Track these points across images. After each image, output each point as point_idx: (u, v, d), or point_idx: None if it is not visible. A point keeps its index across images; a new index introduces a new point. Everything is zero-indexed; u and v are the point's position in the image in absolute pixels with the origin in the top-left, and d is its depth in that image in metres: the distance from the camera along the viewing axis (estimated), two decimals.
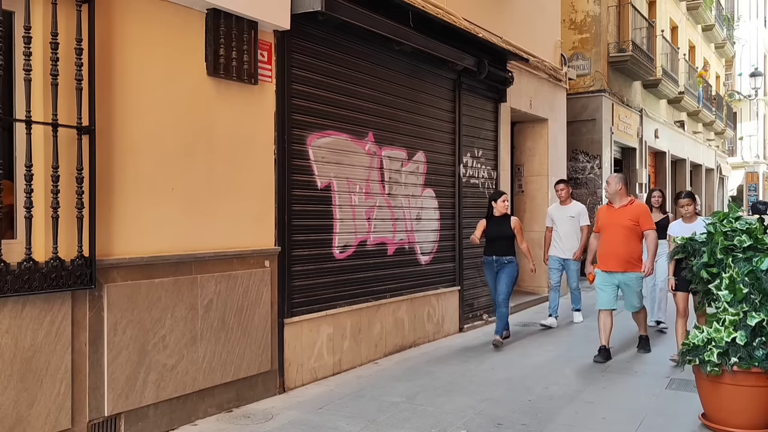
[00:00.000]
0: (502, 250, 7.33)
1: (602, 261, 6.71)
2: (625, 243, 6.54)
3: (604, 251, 6.69)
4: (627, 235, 6.54)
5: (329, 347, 6.06)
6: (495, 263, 7.38)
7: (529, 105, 10.32)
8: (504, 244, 7.33)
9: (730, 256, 4.59)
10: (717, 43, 26.57)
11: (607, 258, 6.66)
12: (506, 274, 7.32)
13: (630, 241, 6.55)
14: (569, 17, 14.34)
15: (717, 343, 4.38)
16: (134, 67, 4.35)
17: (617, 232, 6.56)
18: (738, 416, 4.38)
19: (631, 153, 16.57)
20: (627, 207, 6.62)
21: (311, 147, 5.88)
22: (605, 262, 6.67)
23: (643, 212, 6.63)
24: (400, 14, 6.67)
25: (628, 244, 6.54)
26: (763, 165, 37.31)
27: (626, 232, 6.54)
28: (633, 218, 6.55)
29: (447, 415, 4.89)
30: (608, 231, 6.65)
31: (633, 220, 6.54)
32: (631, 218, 6.55)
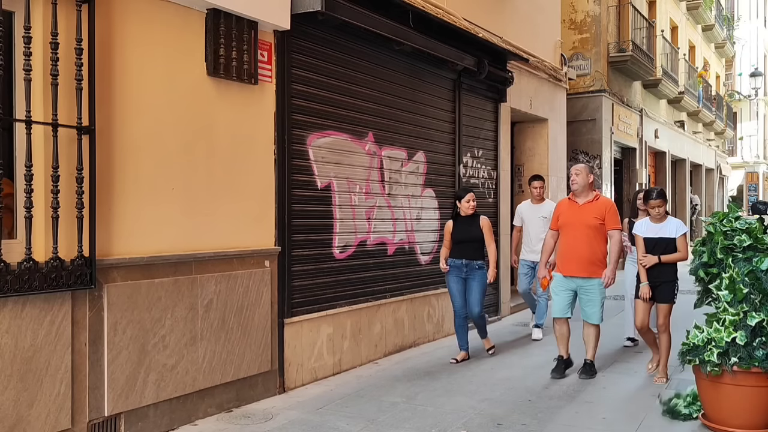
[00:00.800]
0: (471, 254, 6.52)
1: (562, 263, 5.94)
2: (588, 244, 5.78)
3: (565, 253, 5.90)
4: (592, 236, 5.78)
5: (329, 347, 6.06)
6: (464, 268, 6.54)
7: (529, 105, 10.32)
8: (473, 246, 6.53)
9: (729, 256, 4.59)
10: (717, 43, 26.58)
11: (567, 260, 5.87)
12: (477, 281, 6.50)
13: (595, 242, 5.80)
14: (569, 17, 14.34)
15: (717, 343, 4.38)
16: (134, 67, 4.35)
17: (580, 232, 5.79)
18: (738, 416, 4.38)
19: (631, 153, 16.58)
20: (592, 203, 5.86)
21: (311, 147, 5.88)
22: (565, 265, 5.89)
23: (611, 209, 5.86)
24: (400, 14, 6.67)
25: (592, 246, 5.78)
26: (763, 165, 37.32)
27: (591, 232, 5.78)
28: (599, 216, 5.80)
29: (447, 415, 4.89)
30: (570, 230, 5.86)
31: (599, 218, 5.80)
32: (596, 216, 5.80)
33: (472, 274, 6.52)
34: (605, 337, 6.70)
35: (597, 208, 5.84)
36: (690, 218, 21.98)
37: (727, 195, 31.66)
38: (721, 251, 4.61)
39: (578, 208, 5.88)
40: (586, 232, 5.79)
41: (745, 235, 4.60)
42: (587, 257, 5.79)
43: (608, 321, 6.70)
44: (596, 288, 5.82)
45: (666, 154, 19.17)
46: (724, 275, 4.52)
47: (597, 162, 14.37)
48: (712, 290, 4.65)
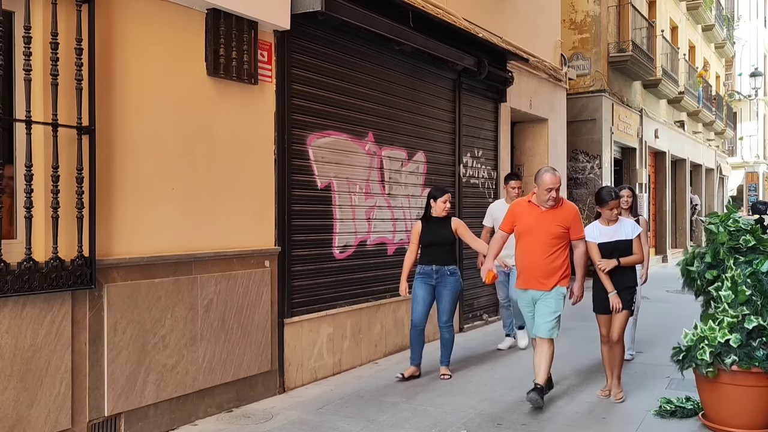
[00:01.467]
0: (442, 258, 5.93)
1: (519, 276, 5.26)
2: (550, 254, 5.06)
3: (523, 263, 5.18)
4: (554, 245, 5.06)
5: (329, 347, 6.06)
6: (435, 274, 5.92)
7: (529, 105, 10.32)
8: (445, 250, 5.95)
9: (732, 257, 4.58)
10: (717, 43, 26.57)
11: (527, 273, 5.15)
12: (449, 289, 5.91)
13: (557, 252, 5.08)
14: (569, 17, 14.34)
15: (710, 342, 4.37)
16: (134, 67, 4.35)
17: (542, 241, 5.05)
18: (738, 416, 4.38)
19: (631, 153, 16.58)
20: (557, 209, 5.11)
21: (311, 147, 5.89)
22: (523, 277, 5.19)
23: (576, 216, 5.16)
24: (400, 14, 6.67)
25: (554, 257, 5.07)
26: (763, 165, 37.31)
27: (554, 242, 5.06)
28: (563, 223, 5.08)
29: (447, 415, 4.90)
30: (531, 238, 5.11)
31: (563, 226, 5.08)
32: (561, 223, 5.07)
33: (443, 280, 5.91)
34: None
35: (562, 214, 5.10)
36: (690, 218, 21.98)
37: (727, 195, 31.65)
38: (726, 252, 4.59)
39: (540, 215, 5.09)
40: (549, 241, 5.05)
41: (749, 235, 4.60)
42: (548, 269, 5.07)
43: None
44: (553, 297, 5.08)
45: (666, 154, 19.17)
46: (725, 276, 4.51)
47: (597, 162, 14.37)
48: (711, 292, 4.64)
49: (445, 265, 5.94)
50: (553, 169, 5.15)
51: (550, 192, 5.01)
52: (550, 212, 5.10)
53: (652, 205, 18.65)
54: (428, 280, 5.93)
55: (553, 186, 5.00)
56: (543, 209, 5.11)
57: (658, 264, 18.57)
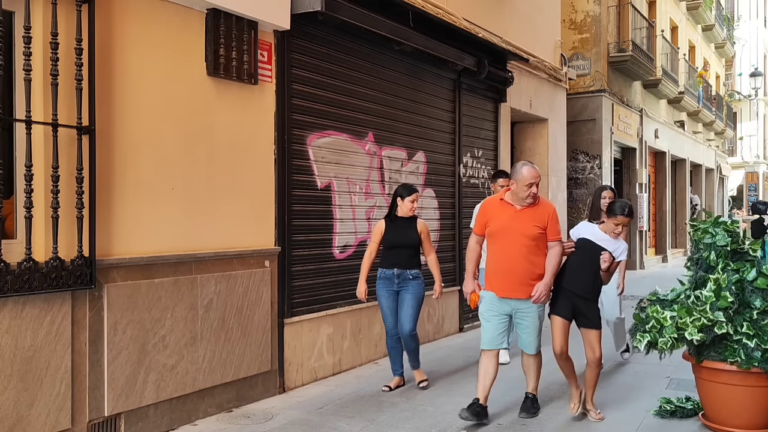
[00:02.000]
0: (405, 262, 5.51)
1: (494, 281, 4.73)
2: (527, 258, 4.60)
3: (497, 268, 4.69)
4: (531, 247, 4.60)
5: (329, 347, 6.06)
6: (396, 279, 5.50)
7: (529, 105, 10.32)
8: (408, 253, 5.54)
9: (723, 262, 4.54)
10: (717, 43, 26.58)
11: (500, 278, 4.67)
12: (411, 293, 5.50)
13: (534, 255, 4.62)
14: (569, 17, 14.35)
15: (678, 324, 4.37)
16: (134, 67, 4.35)
17: (518, 242, 4.59)
18: (738, 416, 4.38)
19: (631, 153, 16.58)
20: (533, 207, 4.65)
21: (311, 147, 5.89)
22: (497, 283, 4.69)
23: (553, 216, 4.70)
24: (400, 14, 6.67)
25: (531, 260, 4.61)
26: (763, 165, 37.29)
27: (530, 243, 4.59)
28: (540, 223, 4.62)
29: (447, 415, 4.89)
30: (504, 239, 4.64)
31: (540, 227, 4.61)
32: (537, 224, 4.61)
33: (406, 285, 5.51)
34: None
35: (539, 214, 4.63)
36: (690, 218, 21.98)
37: (727, 195, 31.65)
38: (723, 255, 4.55)
39: (515, 214, 4.63)
40: (524, 242, 4.58)
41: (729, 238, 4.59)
42: (525, 274, 4.60)
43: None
44: (534, 310, 4.67)
45: (666, 154, 19.17)
46: (711, 277, 4.48)
47: (597, 162, 14.37)
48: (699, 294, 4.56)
49: (407, 269, 5.52)
50: (530, 162, 4.74)
51: (530, 188, 4.56)
52: (525, 211, 4.62)
53: (652, 205, 18.65)
54: (390, 286, 5.54)
55: (533, 181, 4.56)
56: (517, 208, 4.63)
57: (659, 264, 18.57)
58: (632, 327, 4.72)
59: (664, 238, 19.11)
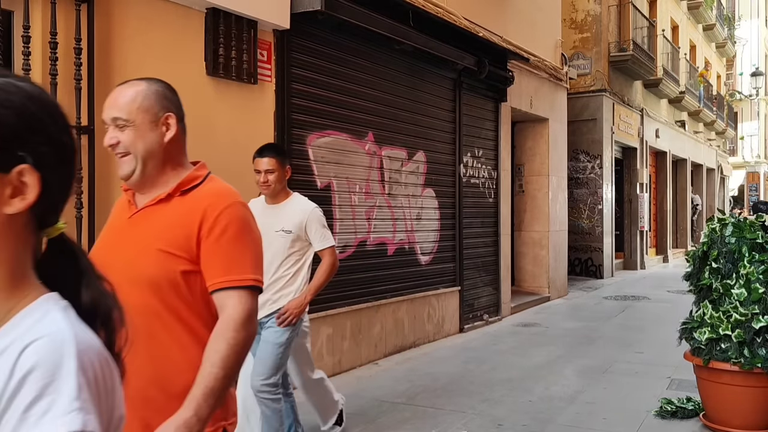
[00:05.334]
0: None
1: None
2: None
3: None
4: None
5: (329, 348, 6.05)
6: None
7: (530, 104, 10.31)
8: None
9: (748, 255, 4.52)
10: (718, 42, 26.56)
11: None
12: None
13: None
14: (570, 16, 14.33)
15: (714, 328, 4.36)
16: (133, 67, 4.34)
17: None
18: (738, 416, 4.37)
19: (632, 153, 16.57)
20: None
21: (311, 147, 5.88)
22: None
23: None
24: (400, 13, 6.66)
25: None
26: (764, 165, 37.27)
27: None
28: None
29: (447, 416, 4.88)
30: None
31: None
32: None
33: None
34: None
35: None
36: (691, 218, 21.96)
37: (728, 195, 31.63)
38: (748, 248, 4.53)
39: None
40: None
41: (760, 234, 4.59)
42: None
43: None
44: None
45: (667, 153, 19.15)
46: (739, 273, 4.47)
47: (598, 162, 14.36)
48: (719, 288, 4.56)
49: None
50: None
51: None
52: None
53: (652, 205, 18.64)
54: None
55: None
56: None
57: (659, 264, 18.56)
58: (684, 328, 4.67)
59: (665, 238, 19.09)
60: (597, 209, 14.35)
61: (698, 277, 4.73)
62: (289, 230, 3.63)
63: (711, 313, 4.46)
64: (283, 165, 3.69)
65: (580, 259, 14.50)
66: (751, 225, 4.61)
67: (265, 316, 3.60)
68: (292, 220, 3.65)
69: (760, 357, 4.24)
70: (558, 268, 11.33)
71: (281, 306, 3.62)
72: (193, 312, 1.67)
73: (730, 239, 4.57)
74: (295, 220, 3.65)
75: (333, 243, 3.76)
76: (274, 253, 3.58)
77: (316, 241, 3.70)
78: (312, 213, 3.70)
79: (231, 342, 1.60)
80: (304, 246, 3.71)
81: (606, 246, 14.42)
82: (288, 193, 3.78)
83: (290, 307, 3.60)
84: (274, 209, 3.70)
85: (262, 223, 3.28)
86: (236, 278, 1.65)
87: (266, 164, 3.64)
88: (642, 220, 16.42)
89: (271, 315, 3.62)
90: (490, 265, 9.01)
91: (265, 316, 3.60)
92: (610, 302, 10.90)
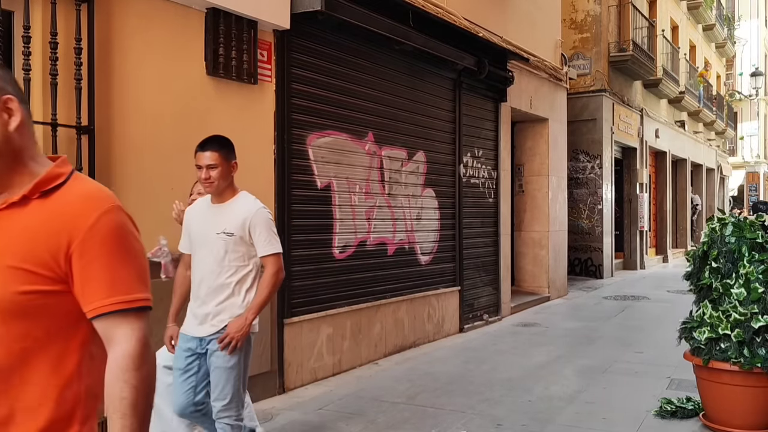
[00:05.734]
0: None
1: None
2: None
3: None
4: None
5: (329, 347, 6.05)
6: None
7: (530, 105, 10.31)
8: None
9: (747, 254, 4.52)
10: (718, 42, 26.56)
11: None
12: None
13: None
14: (570, 17, 14.34)
15: (713, 327, 4.36)
16: (133, 67, 4.35)
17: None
18: (738, 416, 4.37)
19: (631, 153, 16.57)
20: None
21: (311, 147, 5.88)
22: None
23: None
24: (400, 14, 6.66)
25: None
26: (763, 165, 37.27)
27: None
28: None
29: (447, 416, 4.89)
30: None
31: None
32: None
33: None
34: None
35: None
36: (691, 218, 21.96)
37: (728, 195, 31.63)
38: (747, 248, 4.54)
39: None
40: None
41: None
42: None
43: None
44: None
45: (667, 154, 19.15)
46: (741, 271, 4.47)
47: (597, 162, 14.36)
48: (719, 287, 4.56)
49: None
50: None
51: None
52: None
53: (652, 205, 18.64)
54: None
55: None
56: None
57: (659, 264, 18.56)
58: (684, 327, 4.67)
59: (665, 238, 19.09)
60: (597, 209, 14.36)
61: (698, 276, 4.74)
62: (230, 232, 3.24)
63: (710, 312, 4.46)
64: (228, 160, 3.31)
65: (579, 259, 14.51)
66: (750, 225, 4.61)
67: (209, 335, 3.26)
68: (235, 221, 3.26)
69: (759, 357, 4.24)
70: (558, 268, 11.34)
71: (225, 321, 3.26)
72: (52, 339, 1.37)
73: (730, 239, 4.57)
74: (238, 221, 3.26)
75: (279, 250, 3.32)
76: (214, 258, 3.26)
77: (259, 245, 3.27)
78: (257, 214, 3.28)
79: (134, 383, 1.36)
80: (251, 251, 3.30)
81: (606, 246, 14.42)
82: (234, 191, 3.37)
83: (230, 331, 3.22)
84: (218, 209, 3.33)
85: (203, 224, 3.31)
86: (122, 300, 1.37)
87: (208, 159, 3.25)
88: (642, 220, 16.42)
89: (215, 335, 3.25)
90: (489, 265, 9.02)
91: (209, 335, 3.26)
92: (610, 302, 10.90)
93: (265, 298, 3.29)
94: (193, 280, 3.35)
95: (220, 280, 3.26)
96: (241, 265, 3.28)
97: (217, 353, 3.23)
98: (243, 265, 3.29)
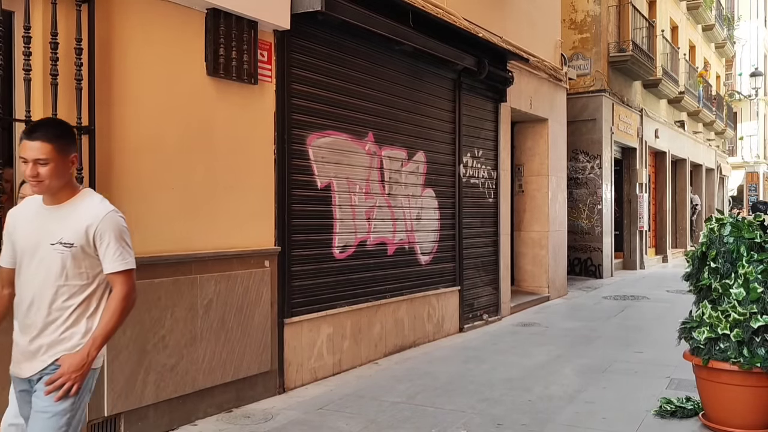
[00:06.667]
0: None
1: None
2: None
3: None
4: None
5: (329, 347, 6.06)
6: None
7: (529, 105, 10.32)
8: None
9: (747, 254, 4.53)
10: (717, 42, 26.57)
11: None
12: None
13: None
14: (569, 17, 14.35)
15: (713, 327, 4.37)
16: (134, 67, 4.35)
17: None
18: (738, 416, 4.38)
19: (631, 153, 16.58)
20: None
21: (311, 147, 5.88)
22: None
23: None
24: (400, 14, 6.67)
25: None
26: (763, 165, 37.29)
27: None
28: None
29: (447, 415, 4.89)
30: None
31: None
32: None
33: None
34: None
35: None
36: (690, 218, 21.97)
37: (728, 195, 31.64)
38: (746, 248, 4.54)
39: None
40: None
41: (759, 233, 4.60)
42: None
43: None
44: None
45: (666, 154, 19.16)
46: (740, 271, 4.48)
47: (597, 162, 14.38)
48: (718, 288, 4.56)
49: None
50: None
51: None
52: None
53: (652, 205, 18.65)
54: None
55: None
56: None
57: (659, 264, 18.57)
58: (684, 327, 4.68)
59: (665, 238, 19.10)
60: (596, 209, 14.36)
61: (698, 277, 4.75)
62: (69, 243, 2.52)
63: (710, 312, 4.47)
64: (64, 153, 2.51)
65: (579, 259, 14.52)
66: (749, 225, 4.62)
67: (38, 372, 2.53)
68: (76, 229, 2.53)
69: (759, 357, 4.24)
70: (557, 267, 11.35)
71: (59, 354, 2.53)
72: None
73: (728, 239, 4.58)
74: (80, 227, 2.53)
75: (132, 266, 2.62)
76: (47, 276, 2.53)
77: (107, 259, 2.56)
78: (106, 219, 2.56)
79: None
80: (96, 266, 2.59)
81: (605, 246, 14.43)
82: (75, 190, 2.61)
83: (65, 371, 2.47)
84: (53, 212, 2.57)
85: (32, 232, 2.57)
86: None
87: (37, 151, 2.45)
88: (641, 220, 16.43)
89: (44, 371, 2.53)
90: (489, 265, 9.02)
91: (38, 372, 2.53)
92: (610, 302, 10.90)
93: (112, 328, 2.58)
94: (19, 304, 2.60)
95: (57, 304, 2.54)
96: (83, 284, 2.58)
97: (42, 395, 2.48)
98: (85, 284, 2.58)
